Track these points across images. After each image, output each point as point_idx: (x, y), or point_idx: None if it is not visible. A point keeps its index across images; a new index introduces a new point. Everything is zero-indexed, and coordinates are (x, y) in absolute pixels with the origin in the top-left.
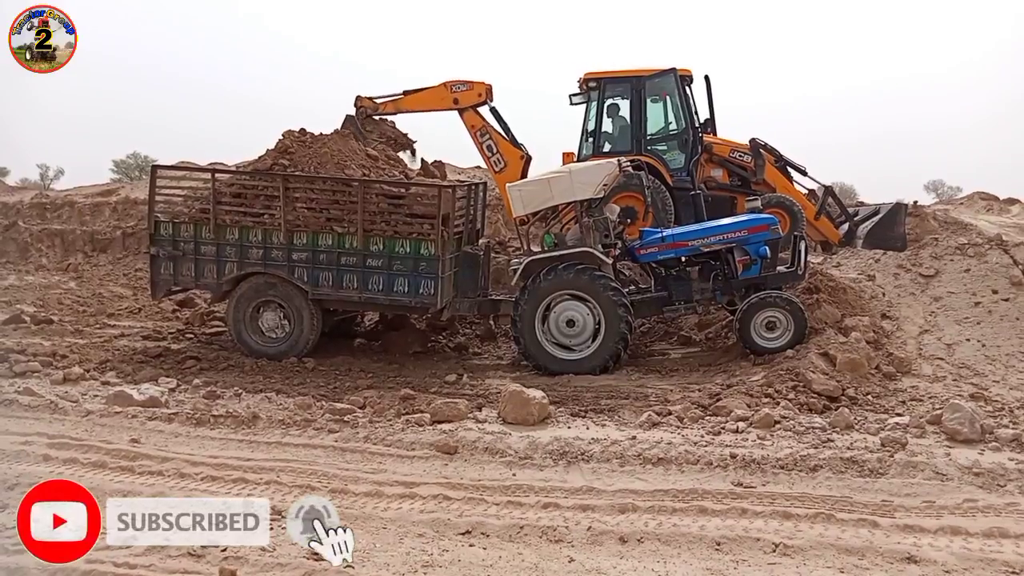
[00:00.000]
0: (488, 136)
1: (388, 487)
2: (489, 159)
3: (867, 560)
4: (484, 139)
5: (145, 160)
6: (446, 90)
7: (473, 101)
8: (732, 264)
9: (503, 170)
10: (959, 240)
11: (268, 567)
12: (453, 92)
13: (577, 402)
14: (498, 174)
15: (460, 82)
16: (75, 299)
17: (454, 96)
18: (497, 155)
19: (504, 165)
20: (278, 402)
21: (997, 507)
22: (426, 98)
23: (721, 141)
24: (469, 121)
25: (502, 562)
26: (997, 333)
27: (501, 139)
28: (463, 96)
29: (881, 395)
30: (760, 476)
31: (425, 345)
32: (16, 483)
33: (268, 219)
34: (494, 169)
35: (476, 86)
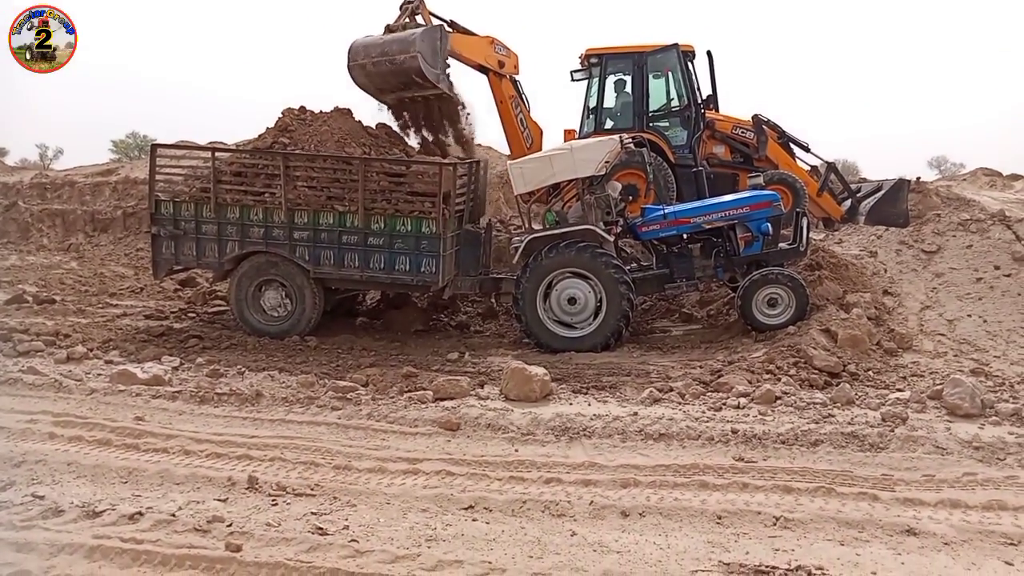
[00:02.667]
0: (520, 109)
1: (391, 463)
2: (520, 133)
3: (867, 533)
4: (517, 111)
5: (144, 140)
6: (491, 47)
7: (511, 70)
8: (734, 241)
9: (532, 146)
10: (961, 216)
11: (273, 542)
12: (498, 53)
13: (579, 379)
14: (528, 149)
15: (503, 44)
16: (77, 279)
17: (499, 58)
18: (527, 130)
19: (532, 141)
20: (281, 380)
21: (996, 480)
22: (472, 45)
23: (723, 117)
24: (505, 90)
25: (505, 536)
26: (999, 309)
27: (528, 114)
28: (507, 60)
29: (882, 371)
30: (761, 451)
31: (427, 323)
32: (22, 460)
33: (269, 198)
34: (525, 144)
35: (513, 56)
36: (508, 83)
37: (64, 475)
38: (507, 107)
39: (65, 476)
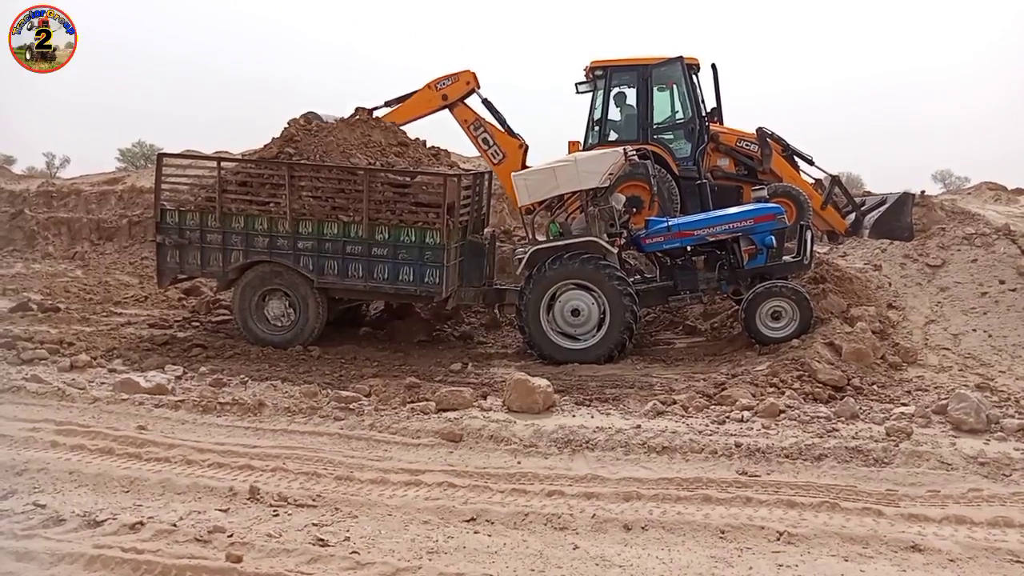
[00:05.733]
0: (482, 128)
1: (393, 474)
2: (486, 152)
3: (871, 549)
4: (478, 132)
5: (150, 148)
6: (431, 91)
7: (462, 92)
8: (738, 254)
9: (502, 161)
10: (966, 230)
11: (274, 552)
12: (439, 90)
13: (582, 391)
14: (497, 166)
15: (444, 77)
16: (81, 287)
17: (441, 93)
18: (494, 147)
19: (503, 156)
20: (284, 390)
21: (1002, 496)
22: (414, 105)
23: (727, 130)
24: (460, 116)
25: (507, 549)
26: (1004, 323)
27: (496, 130)
28: (451, 90)
29: (887, 385)
30: (765, 465)
31: (430, 334)
32: (24, 469)
33: (274, 207)
34: (492, 161)
35: (461, 76)
36: (461, 108)
37: (66, 484)
38: (468, 130)
39: (67, 485)
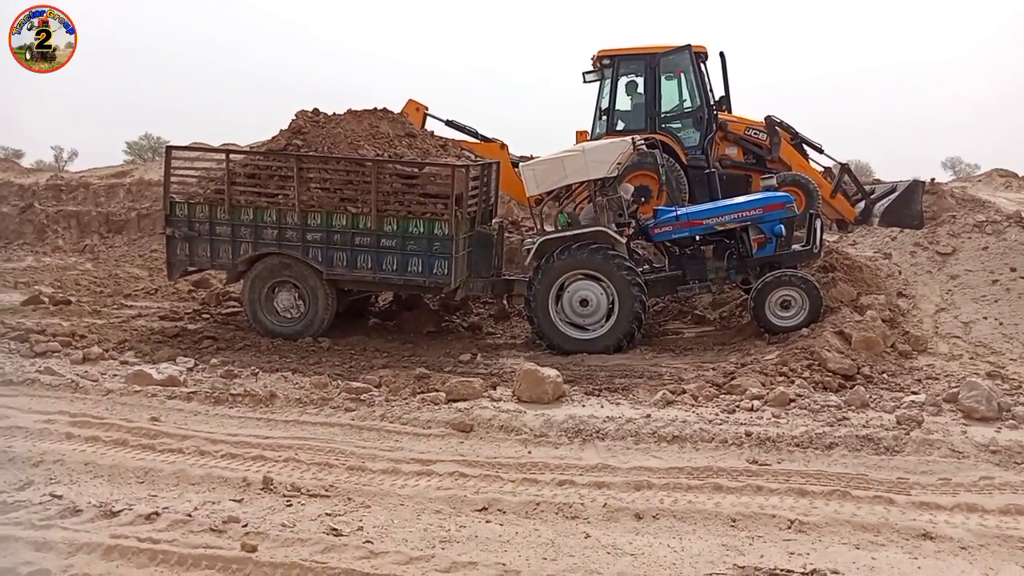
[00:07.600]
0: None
1: (405, 464)
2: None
3: (883, 536)
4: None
5: (157, 141)
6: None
7: (418, 121)
8: (747, 243)
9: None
10: (977, 217)
11: (288, 542)
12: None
13: (591, 381)
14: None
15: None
16: (92, 280)
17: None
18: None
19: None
20: (294, 381)
21: (1014, 484)
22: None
23: (736, 119)
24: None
25: (519, 538)
26: (1015, 311)
27: (474, 144)
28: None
29: (897, 373)
30: (775, 454)
31: (439, 325)
32: (40, 460)
33: (282, 199)
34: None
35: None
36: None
37: (81, 475)
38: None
39: (82, 476)
